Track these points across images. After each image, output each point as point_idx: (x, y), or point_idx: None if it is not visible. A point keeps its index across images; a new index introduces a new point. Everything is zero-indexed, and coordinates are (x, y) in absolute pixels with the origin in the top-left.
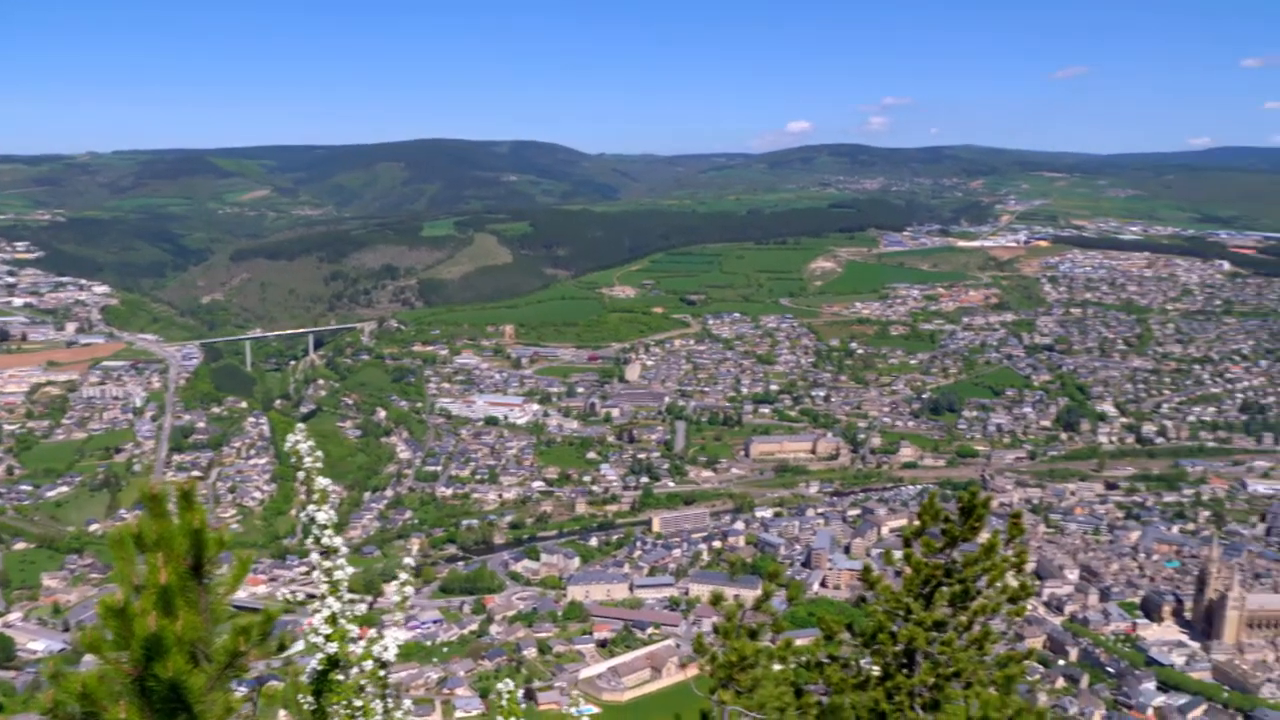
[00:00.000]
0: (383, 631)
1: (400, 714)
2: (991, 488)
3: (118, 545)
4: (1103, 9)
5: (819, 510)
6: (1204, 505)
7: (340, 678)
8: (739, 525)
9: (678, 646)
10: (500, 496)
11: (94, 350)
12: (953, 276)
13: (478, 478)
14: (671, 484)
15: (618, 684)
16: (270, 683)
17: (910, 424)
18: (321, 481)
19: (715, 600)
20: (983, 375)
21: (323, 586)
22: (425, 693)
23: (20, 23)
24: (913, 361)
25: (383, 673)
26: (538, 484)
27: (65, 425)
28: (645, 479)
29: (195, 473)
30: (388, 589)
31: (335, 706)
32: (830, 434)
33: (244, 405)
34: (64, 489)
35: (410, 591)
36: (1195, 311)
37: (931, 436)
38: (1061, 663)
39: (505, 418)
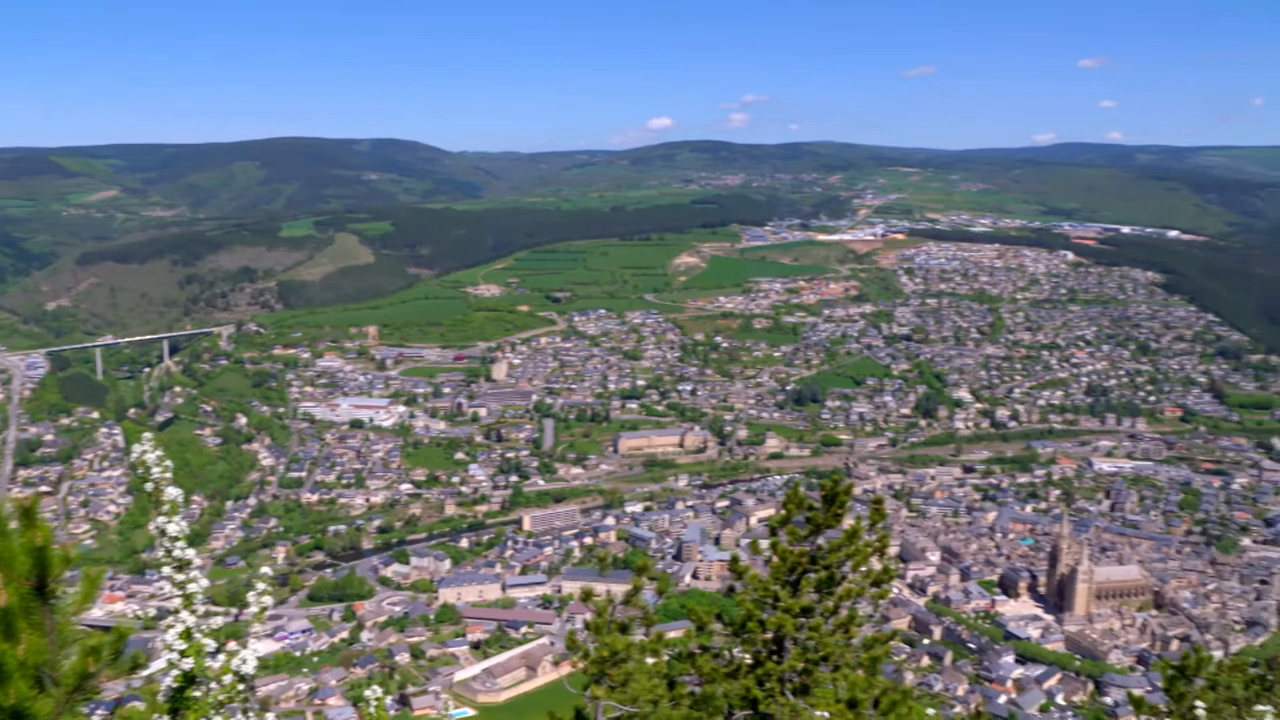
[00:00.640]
0: (243, 644)
1: None
2: (855, 475)
3: None
4: (947, 10)
5: (688, 503)
6: (1054, 485)
7: (197, 694)
8: (610, 521)
9: (552, 645)
10: (368, 501)
11: None
12: (813, 270)
13: (344, 482)
14: (541, 482)
15: (493, 685)
16: (130, 704)
17: (775, 415)
18: (172, 492)
19: (586, 597)
20: (844, 366)
21: (176, 601)
22: (296, 705)
23: None
24: (776, 354)
25: (242, 686)
26: (406, 487)
27: None
28: (515, 478)
29: (44, 488)
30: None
31: None
32: (697, 427)
33: (95, 415)
34: None
35: (269, 601)
36: (1042, 300)
37: (796, 427)
38: (926, 642)
39: (371, 420)
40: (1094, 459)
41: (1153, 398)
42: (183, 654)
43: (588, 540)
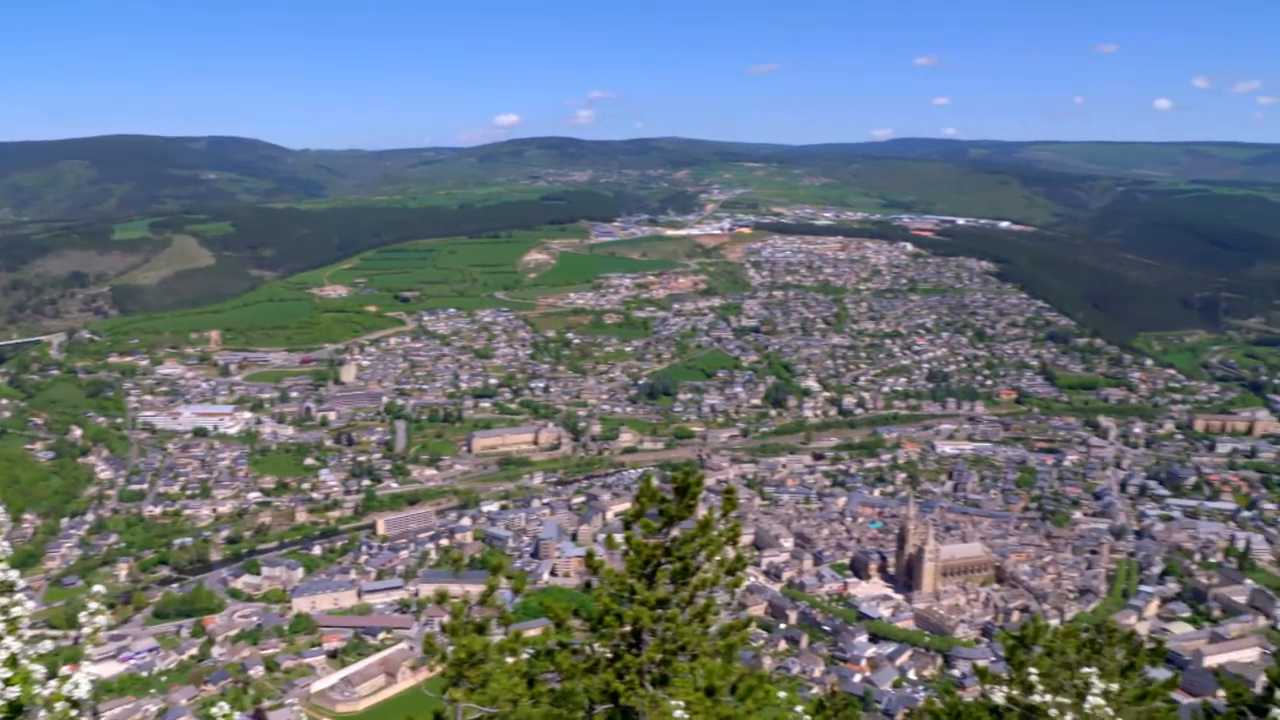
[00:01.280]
0: (77, 667)
1: None
2: (708, 466)
3: None
4: (789, 8)
5: (544, 500)
6: (900, 468)
7: None
8: (466, 521)
9: (411, 650)
10: (214, 511)
11: None
12: (662, 265)
13: (188, 493)
14: (395, 485)
15: (351, 694)
16: None
17: (629, 410)
18: None
19: (442, 599)
20: (695, 359)
21: None
22: None
23: None
24: (628, 349)
25: (75, 713)
26: (254, 495)
27: None
28: (367, 482)
29: None
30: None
31: None
32: (551, 424)
33: None
34: None
35: (102, 622)
36: (884, 290)
37: (649, 421)
38: (783, 626)
39: (215, 428)
40: (936, 442)
41: (989, 382)
42: (7, 682)
43: (444, 542)
